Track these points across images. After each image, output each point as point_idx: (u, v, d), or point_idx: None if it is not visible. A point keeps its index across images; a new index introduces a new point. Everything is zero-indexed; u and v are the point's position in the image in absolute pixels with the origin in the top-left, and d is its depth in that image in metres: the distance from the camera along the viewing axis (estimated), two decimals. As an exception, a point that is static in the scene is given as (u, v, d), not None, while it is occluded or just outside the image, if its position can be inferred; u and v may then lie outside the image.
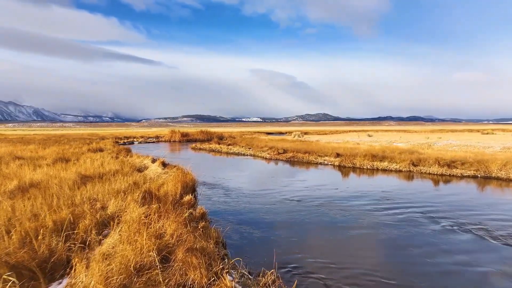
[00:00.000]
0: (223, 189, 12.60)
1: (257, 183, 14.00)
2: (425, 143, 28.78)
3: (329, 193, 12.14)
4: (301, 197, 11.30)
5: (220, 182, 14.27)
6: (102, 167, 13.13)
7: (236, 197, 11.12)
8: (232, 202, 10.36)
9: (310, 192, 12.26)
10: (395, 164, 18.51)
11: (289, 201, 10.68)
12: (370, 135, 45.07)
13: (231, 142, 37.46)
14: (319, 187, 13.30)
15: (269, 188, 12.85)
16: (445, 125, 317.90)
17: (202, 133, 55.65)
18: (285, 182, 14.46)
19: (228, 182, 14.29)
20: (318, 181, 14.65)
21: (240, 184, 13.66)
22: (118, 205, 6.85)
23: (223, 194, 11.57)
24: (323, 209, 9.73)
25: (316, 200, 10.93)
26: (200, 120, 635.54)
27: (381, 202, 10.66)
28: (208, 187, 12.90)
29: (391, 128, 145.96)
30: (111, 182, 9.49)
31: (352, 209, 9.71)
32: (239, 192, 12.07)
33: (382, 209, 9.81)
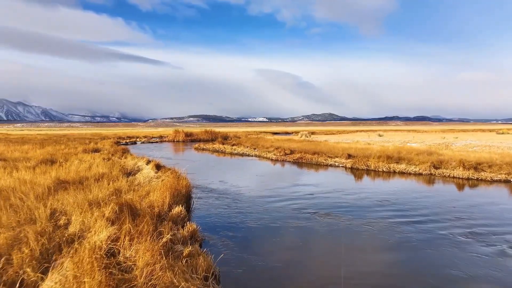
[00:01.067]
0: (223, 196, 11.10)
1: (262, 189, 12.48)
2: (442, 144, 26.99)
3: (346, 201, 10.57)
4: (313, 207, 9.75)
5: (221, 187, 12.78)
6: (88, 170, 11.74)
7: (237, 207, 9.60)
8: (233, 213, 8.85)
9: (323, 200, 10.70)
10: (414, 167, 16.84)
11: (298, 212, 9.14)
12: (381, 135, 43.24)
13: (236, 142, 36.00)
14: (333, 193, 11.73)
15: (276, 195, 11.32)
16: (453, 125, 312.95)
17: (207, 133, 54.30)
18: (293, 187, 12.92)
19: (229, 187, 12.80)
20: (330, 186, 13.08)
21: (243, 190, 12.16)
22: (84, 222, 5.40)
23: (222, 203, 10.06)
24: (342, 223, 8.16)
25: (332, 210, 9.37)
26: (206, 120, 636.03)
27: (408, 214, 9.05)
28: (206, 194, 11.41)
29: (400, 128, 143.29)
30: (91, 190, 8.07)
31: (376, 224, 8.13)
32: (241, 199, 10.56)
33: (410, 222, 8.21)
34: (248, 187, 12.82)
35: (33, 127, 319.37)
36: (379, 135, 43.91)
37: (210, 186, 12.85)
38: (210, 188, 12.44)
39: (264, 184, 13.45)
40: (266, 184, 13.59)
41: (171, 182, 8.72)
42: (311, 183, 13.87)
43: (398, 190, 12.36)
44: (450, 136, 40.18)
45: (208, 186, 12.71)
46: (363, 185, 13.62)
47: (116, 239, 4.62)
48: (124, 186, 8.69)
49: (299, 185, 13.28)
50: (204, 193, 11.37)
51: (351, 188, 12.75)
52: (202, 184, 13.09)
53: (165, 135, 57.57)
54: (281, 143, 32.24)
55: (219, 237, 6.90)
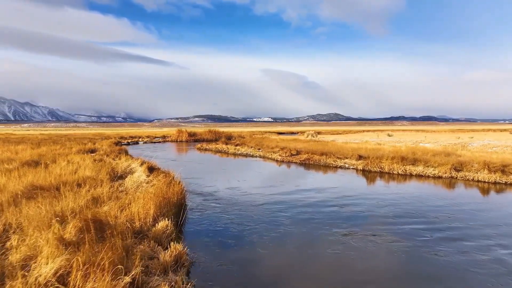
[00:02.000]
0: (222, 203, 9.81)
1: (266, 195, 11.19)
2: (458, 144, 25.47)
3: (363, 210, 9.23)
4: (327, 218, 8.43)
5: (220, 192, 11.51)
6: (74, 173, 10.57)
7: (238, 218, 8.30)
8: (233, 227, 7.54)
9: (337, 209, 9.37)
10: (433, 169, 15.42)
11: (311, 226, 7.84)
12: (390, 135, 41.67)
13: (240, 142, 34.74)
14: (347, 201, 10.40)
15: (282, 202, 10.02)
16: (460, 124, 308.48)
17: (210, 133, 53.13)
18: (301, 192, 11.61)
19: (230, 193, 11.53)
20: (343, 192, 11.75)
21: (245, 196, 10.88)
22: (35, 245, 4.17)
23: (221, 213, 8.77)
24: (362, 240, 6.84)
25: (348, 224, 8.04)
26: (211, 120, 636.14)
27: (439, 227, 7.68)
28: (203, 201, 10.12)
29: (407, 128, 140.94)
30: (66, 198, 6.85)
31: (406, 242, 6.78)
32: (243, 208, 9.26)
33: (446, 240, 6.83)
34: (251, 192, 11.54)
35: (40, 127, 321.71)
36: (389, 135, 42.34)
37: (208, 191, 11.57)
38: (208, 194, 11.17)
39: (269, 189, 12.16)
40: (271, 189, 12.29)
41: (160, 189, 7.47)
42: (321, 187, 12.55)
43: (420, 196, 10.98)
44: (465, 136, 38.51)
45: (206, 192, 11.44)
46: (379, 190, 12.25)
47: (65, 274, 3.37)
48: (105, 194, 7.46)
49: (308, 190, 11.96)
50: (201, 201, 10.08)
51: (366, 194, 11.40)
52: (200, 189, 11.83)
53: (168, 135, 56.53)
54: (286, 143, 30.92)
55: (213, 260, 5.61)
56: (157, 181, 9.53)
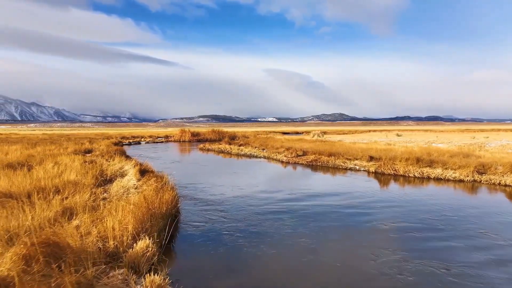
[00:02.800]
0: (221, 212, 8.64)
1: (271, 202, 10.01)
2: (473, 144, 24.08)
3: (386, 222, 8.03)
4: (343, 230, 7.26)
5: (220, 199, 10.35)
6: (58, 176, 9.50)
7: (240, 231, 7.11)
8: (232, 243, 6.35)
9: (355, 219, 8.18)
10: (453, 172, 14.14)
11: (327, 242, 6.67)
12: (399, 135, 40.25)
13: (243, 142, 33.60)
14: (364, 209, 9.20)
15: (289, 211, 8.85)
16: (467, 124, 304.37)
17: (214, 133, 52.08)
18: (311, 199, 10.42)
19: (231, 199, 10.36)
20: (358, 197, 10.54)
21: (247, 203, 9.71)
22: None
23: (219, 223, 7.59)
24: (389, 265, 5.66)
25: (370, 238, 6.86)
26: (216, 120, 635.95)
27: (480, 246, 6.45)
28: (199, 209, 8.95)
29: (414, 127, 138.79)
30: (31, 209, 5.75)
31: (440, 261, 5.60)
32: (245, 218, 8.09)
33: (491, 262, 5.64)
34: (255, 199, 10.36)
35: (46, 127, 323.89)
36: (398, 134, 40.91)
37: (207, 197, 10.39)
38: (206, 201, 10.00)
39: (275, 195, 10.98)
40: (278, 194, 11.11)
41: (145, 198, 6.33)
42: (332, 192, 11.35)
43: (446, 204, 9.71)
44: (479, 136, 36.98)
45: (203, 198, 10.27)
46: (396, 196, 11.01)
47: None
48: (82, 203, 6.34)
49: (318, 196, 10.77)
50: (198, 209, 8.89)
51: (383, 201, 10.17)
52: (197, 195, 10.67)
53: (171, 135, 55.55)
54: (292, 143, 29.73)
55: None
56: (147, 186, 8.40)
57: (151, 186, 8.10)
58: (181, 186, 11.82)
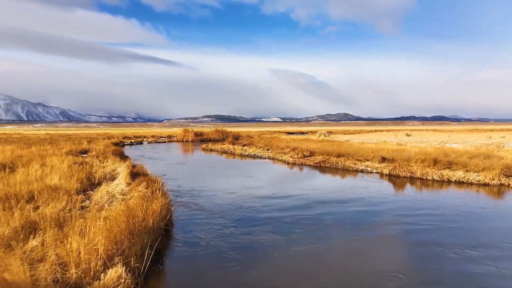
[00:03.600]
0: (221, 222, 7.55)
1: (278, 210, 8.92)
2: (491, 144, 22.77)
3: (410, 235, 6.90)
4: (367, 249, 6.15)
5: (220, 205, 9.27)
6: (39, 180, 8.50)
7: (243, 249, 6.04)
8: (231, 266, 5.29)
9: (376, 235, 7.07)
10: (476, 174, 12.93)
11: (347, 264, 5.56)
12: (409, 135, 38.90)
13: (247, 142, 32.52)
14: (384, 218, 8.08)
15: (298, 223, 7.75)
16: (474, 124, 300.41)
17: (218, 133, 51.09)
18: (323, 206, 9.31)
19: (233, 206, 9.28)
20: (375, 206, 9.41)
21: (252, 212, 8.63)
22: None
23: (218, 239, 6.50)
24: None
25: (399, 258, 5.75)
26: (220, 120, 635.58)
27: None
28: (196, 218, 7.86)
29: (420, 127, 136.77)
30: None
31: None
32: (248, 232, 7.00)
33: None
34: (260, 206, 9.27)
35: (52, 127, 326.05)
36: (407, 134, 39.54)
37: (206, 205, 9.28)
38: (205, 209, 8.91)
39: (282, 202, 9.88)
40: (285, 201, 10.00)
41: (128, 208, 5.27)
42: (346, 198, 10.23)
43: (476, 213, 8.54)
44: (495, 136, 35.52)
45: (202, 206, 9.15)
46: (420, 202, 9.83)
47: None
48: (54, 214, 5.30)
49: (330, 204, 9.65)
50: (195, 220, 7.76)
51: (407, 208, 9.02)
52: (195, 202, 9.59)
53: (174, 135, 54.66)
54: (297, 143, 28.60)
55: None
56: (136, 192, 7.35)
57: (140, 193, 7.05)
58: (178, 191, 10.77)
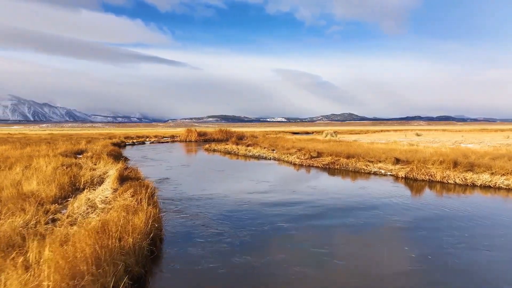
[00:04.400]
0: (220, 238, 6.48)
1: (286, 220, 7.83)
2: (510, 144, 21.44)
3: (449, 255, 5.77)
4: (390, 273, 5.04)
5: (220, 215, 8.19)
6: (14, 186, 7.49)
7: (248, 273, 4.97)
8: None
9: (404, 254, 5.95)
10: (504, 178, 11.72)
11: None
12: (419, 134, 37.54)
13: (252, 142, 31.43)
14: (410, 231, 6.96)
15: (311, 235, 6.66)
16: (481, 124, 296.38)
17: (221, 133, 50.05)
18: (337, 216, 8.20)
19: (235, 216, 8.21)
20: (396, 215, 8.27)
21: (256, 223, 7.54)
22: None
23: (215, 259, 5.42)
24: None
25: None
26: (225, 121, 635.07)
27: None
28: (192, 231, 6.77)
29: (425, 128, 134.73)
30: None
31: None
32: (252, 249, 5.92)
33: None
34: (266, 215, 8.18)
35: (57, 127, 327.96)
36: (417, 134, 38.18)
37: (204, 214, 8.19)
38: (202, 218, 7.81)
39: (291, 209, 8.78)
40: (294, 209, 8.90)
41: (103, 224, 4.20)
42: (364, 205, 9.09)
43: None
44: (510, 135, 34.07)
45: (200, 215, 8.06)
46: (446, 210, 8.66)
47: None
48: (9, 231, 4.25)
49: (346, 211, 8.53)
50: (190, 234, 6.64)
51: (434, 219, 7.86)
52: (191, 211, 8.48)
53: (177, 135, 53.75)
54: (303, 143, 27.47)
55: None
56: (123, 199, 6.29)
57: (126, 201, 5.99)
58: (173, 198, 9.70)
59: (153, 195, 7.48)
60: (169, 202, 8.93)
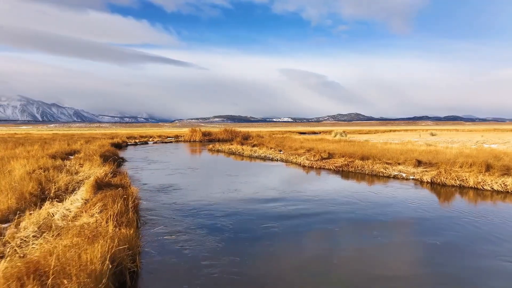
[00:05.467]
0: (211, 271, 5.03)
1: (301, 239, 6.34)
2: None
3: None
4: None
5: (220, 233, 6.74)
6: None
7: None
8: None
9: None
10: (551, 184, 10.08)
11: None
12: (434, 134, 35.69)
13: (257, 142, 29.96)
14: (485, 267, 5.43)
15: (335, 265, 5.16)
16: (490, 124, 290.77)
17: (226, 132, 48.68)
18: (361, 231, 6.69)
19: (240, 237, 6.74)
20: (436, 234, 6.74)
21: (264, 244, 6.07)
22: None
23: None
24: None
25: None
26: (231, 121, 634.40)
27: None
28: (175, 254, 5.30)
29: (442, 127, 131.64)
30: None
31: None
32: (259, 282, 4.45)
33: None
34: (273, 236, 6.70)
35: (65, 127, 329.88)
36: (432, 134, 36.30)
37: (196, 229, 6.75)
38: (194, 236, 6.36)
39: (304, 222, 7.28)
40: (309, 221, 7.41)
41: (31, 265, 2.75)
42: (394, 220, 7.56)
43: None
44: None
45: (188, 232, 6.59)
46: (500, 230, 7.10)
47: None
48: None
49: (372, 231, 7.02)
50: (172, 258, 5.12)
51: (494, 240, 6.32)
52: (183, 226, 7.05)
53: (181, 135, 52.51)
54: (312, 143, 25.91)
55: None
56: (89, 216, 4.85)
57: (92, 218, 4.54)
58: (164, 209, 8.25)
59: (136, 207, 6.04)
60: (157, 217, 7.46)
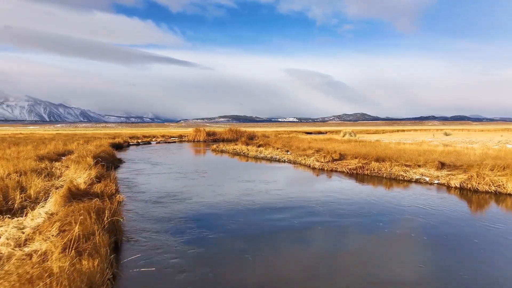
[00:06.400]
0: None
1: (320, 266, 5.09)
2: None
3: None
4: None
5: (222, 256, 5.51)
6: None
7: None
8: None
9: None
10: None
11: None
12: (448, 134, 34.14)
13: (263, 142, 28.72)
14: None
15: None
16: (501, 124, 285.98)
17: (231, 132, 47.52)
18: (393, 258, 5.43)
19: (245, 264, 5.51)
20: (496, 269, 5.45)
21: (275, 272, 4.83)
22: None
23: None
24: None
25: None
26: (236, 121, 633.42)
27: None
28: None
29: (455, 127, 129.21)
30: None
31: None
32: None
33: None
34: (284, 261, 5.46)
35: (71, 127, 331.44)
36: (446, 133, 34.72)
37: (189, 251, 5.55)
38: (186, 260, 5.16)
39: (322, 237, 6.03)
40: (331, 234, 6.15)
41: None
42: (429, 240, 6.28)
43: None
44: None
45: (177, 258, 5.42)
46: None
47: None
48: None
49: (409, 253, 5.75)
50: None
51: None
52: (171, 248, 5.84)
53: (185, 135, 51.47)
54: (321, 143, 24.62)
55: None
56: (41, 241, 3.65)
57: (45, 243, 3.33)
58: (151, 223, 7.04)
59: (114, 224, 4.82)
60: (141, 237, 6.17)
